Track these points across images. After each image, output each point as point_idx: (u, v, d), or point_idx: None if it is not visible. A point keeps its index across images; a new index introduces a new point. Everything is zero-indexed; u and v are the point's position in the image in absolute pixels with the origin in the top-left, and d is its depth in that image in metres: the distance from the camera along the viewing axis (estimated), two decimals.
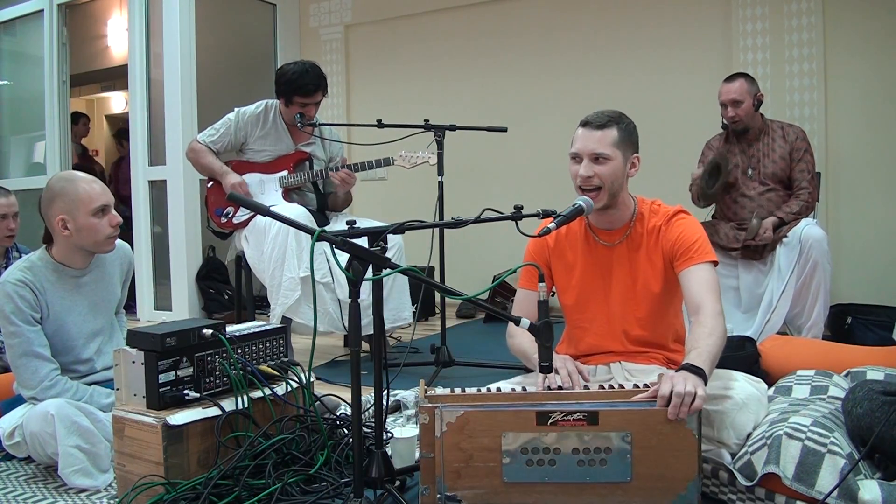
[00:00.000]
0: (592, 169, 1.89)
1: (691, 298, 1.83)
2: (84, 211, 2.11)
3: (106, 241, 2.18)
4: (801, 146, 3.20)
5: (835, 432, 1.59)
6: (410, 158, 3.15)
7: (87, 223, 2.12)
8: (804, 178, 3.17)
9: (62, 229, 2.11)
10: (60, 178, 2.18)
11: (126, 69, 4.80)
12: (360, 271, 1.59)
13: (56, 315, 2.14)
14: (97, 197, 2.14)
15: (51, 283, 2.14)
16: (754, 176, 3.24)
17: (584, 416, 1.57)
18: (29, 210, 3.10)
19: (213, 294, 4.63)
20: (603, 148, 1.89)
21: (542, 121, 4.54)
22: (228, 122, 3.35)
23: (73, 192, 2.12)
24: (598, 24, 4.46)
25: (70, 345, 2.18)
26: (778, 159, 3.20)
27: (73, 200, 2.11)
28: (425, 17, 5.01)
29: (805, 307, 3.04)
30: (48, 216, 2.14)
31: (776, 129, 3.25)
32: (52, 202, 2.13)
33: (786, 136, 3.23)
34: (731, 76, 3.27)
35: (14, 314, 2.05)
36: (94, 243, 2.16)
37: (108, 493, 1.91)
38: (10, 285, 2.06)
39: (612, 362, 2.01)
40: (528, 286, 2.07)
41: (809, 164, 3.20)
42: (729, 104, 3.20)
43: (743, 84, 3.18)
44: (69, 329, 2.17)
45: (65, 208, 2.11)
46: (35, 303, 2.09)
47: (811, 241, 2.97)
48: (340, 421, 2.14)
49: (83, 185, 2.14)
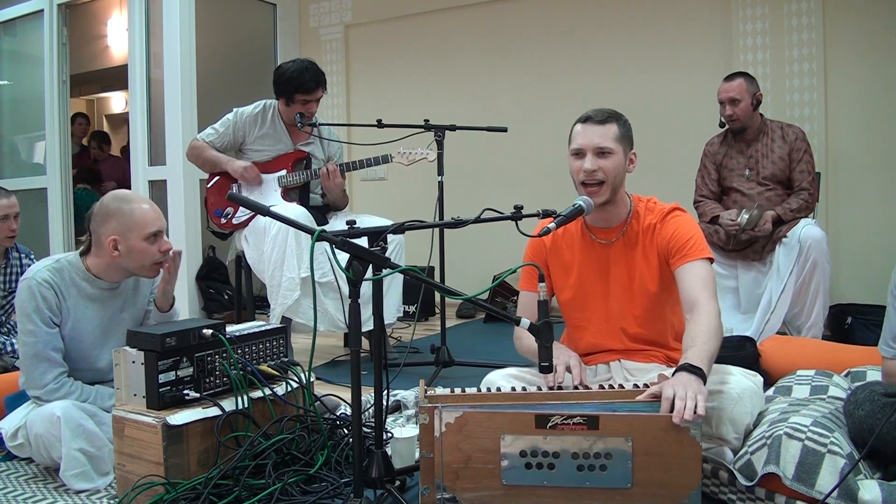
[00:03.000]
0: (597, 163, 1.89)
1: (687, 296, 1.83)
2: (137, 235, 2.08)
3: (152, 267, 2.14)
4: (801, 146, 3.20)
5: (835, 432, 1.59)
6: (409, 155, 3.15)
7: (138, 247, 2.08)
8: (804, 178, 3.17)
9: (112, 250, 2.08)
10: (117, 197, 2.14)
11: (126, 69, 4.80)
12: (360, 271, 1.59)
13: (75, 322, 2.11)
14: (152, 222, 2.10)
15: (77, 289, 2.12)
16: (752, 176, 3.24)
17: (584, 420, 1.55)
18: (29, 210, 3.10)
19: (213, 294, 4.63)
20: (606, 142, 1.90)
21: (542, 121, 4.54)
22: (228, 122, 3.36)
23: (129, 215, 2.08)
24: (598, 24, 4.46)
25: (85, 354, 2.15)
26: (777, 160, 3.20)
27: (128, 223, 2.07)
28: (425, 17, 5.01)
29: (804, 307, 3.04)
30: (99, 234, 2.10)
31: (775, 129, 3.25)
32: (105, 220, 2.09)
33: (785, 136, 3.23)
34: (731, 75, 3.27)
35: (35, 313, 2.03)
36: (140, 267, 2.13)
37: (108, 493, 1.91)
38: (36, 284, 2.04)
39: (612, 361, 2.01)
40: (529, 288, 2.07)
41: (809, 164, 3.20)
42: (727, 102, 3.20)
43: (742, 83, 3.19)
44: (86, 339, 2.14)
45: (119, 229, 2.07)
46: (56, 306, 2.07)
47: (810, 241, 2.97)
48: (340, 421, 2.14)
49: (139, 208, 2.10)
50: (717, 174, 3.35)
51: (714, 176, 3.35)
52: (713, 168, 3.36)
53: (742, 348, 2.59)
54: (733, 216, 3.14)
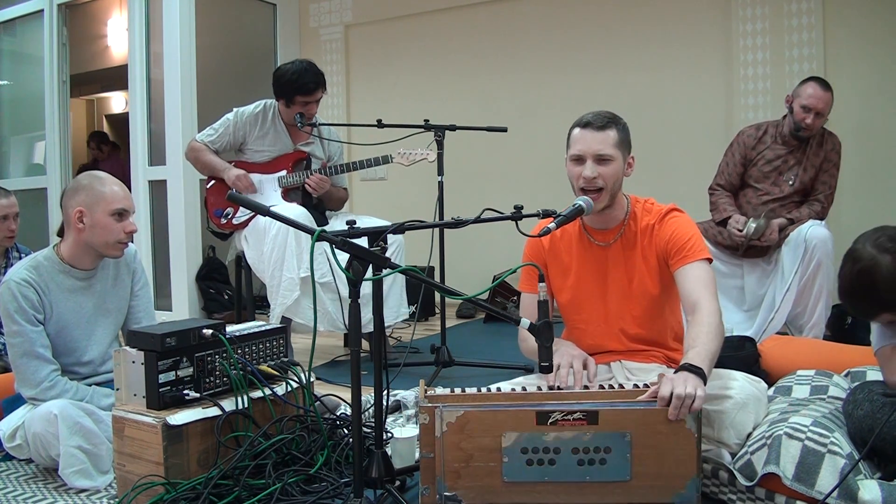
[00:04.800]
0: (597, 170, 1.89)
1: (687, 297, 1.83)
2: (103, 209, 2.12)
3: (115, 245, 2.17)
4: (833, 158, 3.15)
5: (835, 432, 1.59)
6: (409, 156, 3.15)
7: (102, 221, 2.12)
8: (823, 190, 3.14)
9: (77, 221, 2.12)
10: (91, 174, 2.20)
11: (126, 69, 4.80)
12: (360, 271, 1.59)
13: (59, 316, 2.14)
14: (120, 200, 2.15)
15: (56, 283, 2.14)
16: (780, 182, 3.17)
17: (583, 415, 1.57)
18: (29, 210, 3.10)
19: (213, 294, 4.63)
20: (607, 149, 1.90)
21: (542, 121, 4.54)
22: (227, 123, 3.36)
23: (99, 189, 2.14)
24: (598, 24, 4.46)
25: (72, 346, 2.17)
26: (810, 167, 3.15)
27: (96, 196, 2.12)
28: (425, 17, 5.01)
29: (807, 307, 3.02)
30: (67, 206, 2.15)
31: (817, 136, 3.16)
32: (75, 193, 2.14)
33: (824, 143, 3.15)
34: (822, 81, 3.11)
35: (17, 313, 2.05)
36: (104, 244, 2.15)
37: (108, 493, 1.91)
38: (15, 284, 2.06)
39: (613, 361, 2.01)
40: (530, 289, 2.07)
41: (833, 178, 3.15)
42: (814, 111, 3.04)
43: (831, 97, 3.06)
44: (72, 331, 2.17)
45: (85, 202, 2.12)
46: (38, 303, 2.09)
47: (816, 241, 2.95)
48: (340, 421, 2.14)
49: (109, 185, 2.16)
50: (742, 168, 3.26)
51: (739, 169, 3.26)
52: (741, 161, 3.25)
53: (742, 348, 2.58)
54: (741, 225, 3.09)
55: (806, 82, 3.12)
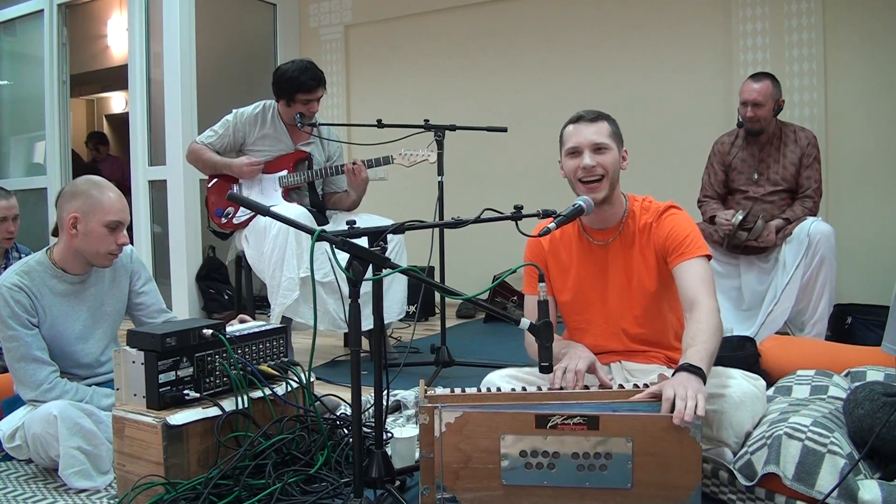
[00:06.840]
0: (595, 159, 1.90)
1: (686, 294, 1.82)
2: (98, 219, 2.10)
3: (105, 256, 2.16)
4: (812, 153, 3.17)
5: (835, 432, 1.59)
6: (410, 157, 3.15)
7: (96, 231, 2.10)
8: (810, 185, 3.16)
9: (70, 227, 2.10)
10: (90, 180, 2.17)
11: (126, 69, 4.81)
12: (360, 271, 1.59)
13: (53, 320, 2.13)
14: (116, 211, 2.13)
15: (48, 288, 2.13)
16: (761, 181, 3.21)
17: (584, 420, 1.54)
18: (29, 210, 3.11)
19: (213, 294, 4.63)
20: (602, 138, 1.91)
21: (542, 121, 4.52)
22: (227, 124, 3.36)
23: (97, 197, 2.11)
24: (598, 24, 4.46)
25: (67, 350, 2.16)
26: (788, 164, 3.17)
27: (93, 205, 2.10)
28: (425, 17, 5.01)
29: (810, 303, 3.02)
30: (62, 209, 2.13)
31: (789, 133, 3.21)
32: (72, 198, 2.12)
33: (798, 140, 3.18)
34: (758, 75, 3.18)
35: (11, 318, 2.04)
36: (94, 253, 2.14)
37: (108, 493, 1.91)
38: (6, 289, 2.05)
39: (613, 362, 2.01)
40: (534, 291, 2.06)
41: (817, 171, 3.17)
42: (750, 104, 3.12)
43: (768, 86, 3.11)
44: (66, 335, 2.16)
45: (81, 208, 2.10)
46: (31, 307, 2.08)
47: (819, 236, 2.95)
48: (340, 421, 2.14)
49: (108, 195, 2.13)
50: (724, 175, 3.31)
51: (721, 177, 3.31)
52: (721, 168, 3.31)
53: (742, 348, 2.58)
54: (728, 216, 3.12)
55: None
